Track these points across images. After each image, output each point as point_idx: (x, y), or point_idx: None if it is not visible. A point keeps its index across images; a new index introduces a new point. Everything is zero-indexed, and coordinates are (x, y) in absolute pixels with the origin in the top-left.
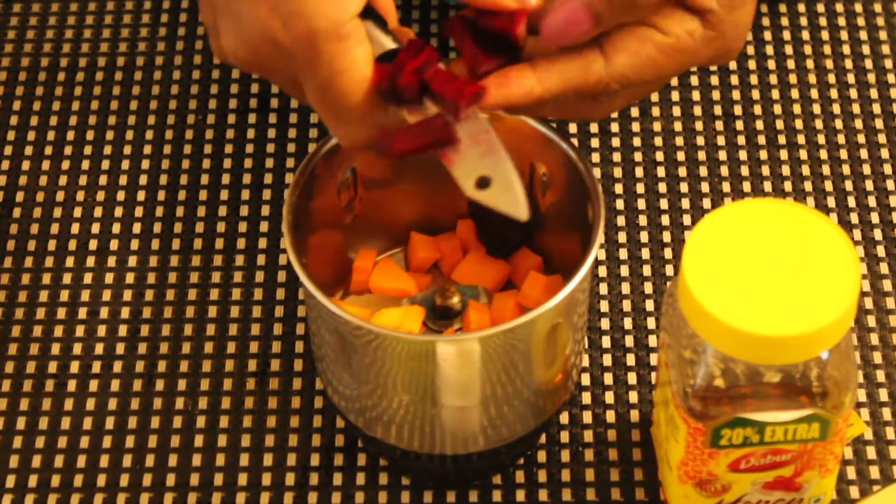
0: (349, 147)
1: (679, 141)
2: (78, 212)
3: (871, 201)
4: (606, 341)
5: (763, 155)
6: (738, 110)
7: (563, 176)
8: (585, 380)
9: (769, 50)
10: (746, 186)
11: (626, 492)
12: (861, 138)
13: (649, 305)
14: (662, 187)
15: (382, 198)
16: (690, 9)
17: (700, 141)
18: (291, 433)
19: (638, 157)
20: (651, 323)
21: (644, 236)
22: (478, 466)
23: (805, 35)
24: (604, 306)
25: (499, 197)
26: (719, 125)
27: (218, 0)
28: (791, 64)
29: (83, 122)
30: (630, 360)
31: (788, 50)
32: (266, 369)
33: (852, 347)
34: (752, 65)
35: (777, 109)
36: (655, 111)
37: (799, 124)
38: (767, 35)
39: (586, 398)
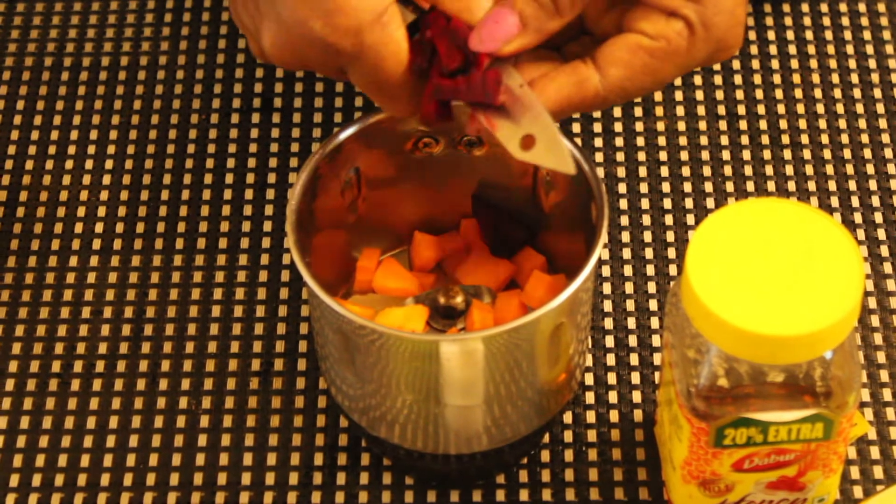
0: (403, 116)
1: (682, 140)
2: (81, 211)
3: (875, 201)
4: (610, 341)
5: (766, 154)
6: (741, 110)
7: (567, 176)
8: (589, 379)
9: (772, 49)
10: (750, 186)
11: (629, 491)
12: (864, 138)
13: (653, 305)
14: (666, 187)
15: (386, 197)
16: (663, 11)
17: (703, 140)
18: (295, 432)
19: (641, 156)
20: (654, 322)
21: (647, 236)
22: (481, 466)
23: (808, 35)
24: (607, 306)
25: (544, 155)
26: (723, 125)
27: (260, 3)
28: (794, 63)
29: (86, 122)
30: (633, 359)
31: (792, 49)
32: (270, 369)
33: (856, 347)
34: (755, 64)
35: (780, 109)
36: (659, 111)
37: (802, 124)
38: (771, 35)
39: (590, 398)
